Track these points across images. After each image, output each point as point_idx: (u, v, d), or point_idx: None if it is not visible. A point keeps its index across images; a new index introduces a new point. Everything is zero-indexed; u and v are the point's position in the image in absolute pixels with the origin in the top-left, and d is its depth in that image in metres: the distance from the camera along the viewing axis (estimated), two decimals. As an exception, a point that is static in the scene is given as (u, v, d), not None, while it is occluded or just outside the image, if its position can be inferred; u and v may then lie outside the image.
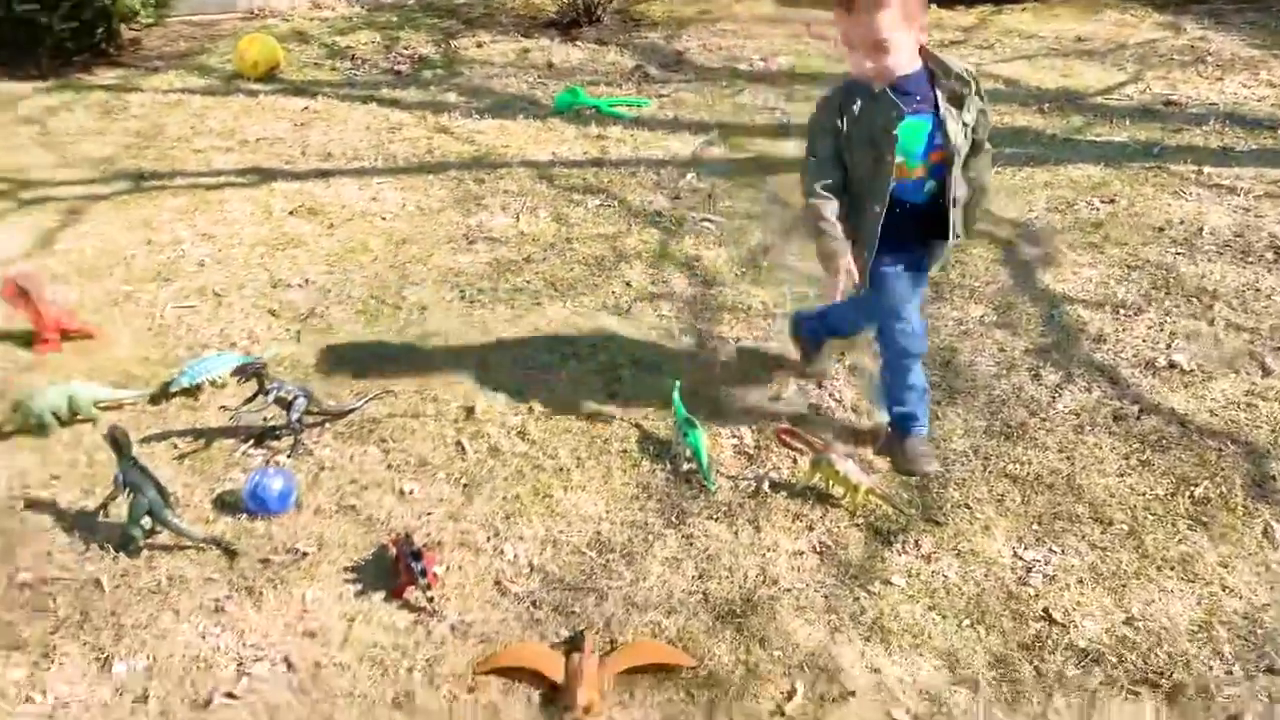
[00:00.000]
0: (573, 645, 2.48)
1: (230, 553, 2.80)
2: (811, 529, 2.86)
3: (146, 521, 2.77)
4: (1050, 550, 2.77)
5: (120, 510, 2.81)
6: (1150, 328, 3.72)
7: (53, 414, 3.26)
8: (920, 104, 2.65)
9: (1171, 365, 3.50)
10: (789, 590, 2.66)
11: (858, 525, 2.87)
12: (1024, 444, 3.16)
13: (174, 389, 3.42)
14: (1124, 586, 2.66)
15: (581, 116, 5.90)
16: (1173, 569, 2.70)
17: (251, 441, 3.23)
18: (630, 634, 2.53)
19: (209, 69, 6.96)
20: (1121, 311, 3.83)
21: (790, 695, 2.38)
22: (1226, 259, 4.19)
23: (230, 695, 2.40)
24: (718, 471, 3.04)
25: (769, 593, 2.66)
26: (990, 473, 3.05)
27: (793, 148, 5.38)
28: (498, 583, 2.70)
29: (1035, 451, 3.13)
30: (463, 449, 3.19)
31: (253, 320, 3.90)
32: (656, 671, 2.43)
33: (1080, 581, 2.68)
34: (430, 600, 2.60)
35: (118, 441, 2.78)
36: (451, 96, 6.36)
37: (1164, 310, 3.83)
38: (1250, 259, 4.17)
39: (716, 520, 2.90)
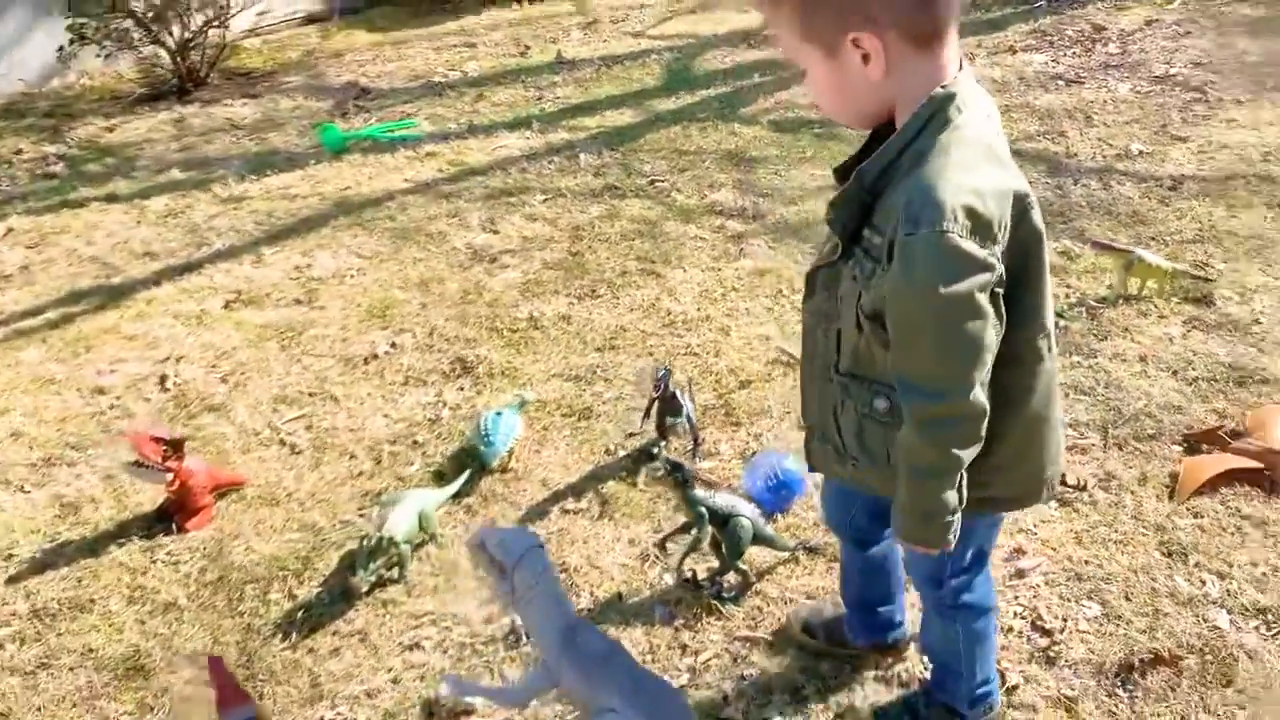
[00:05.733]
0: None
1: (812, 550, 2.45)
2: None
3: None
4: None
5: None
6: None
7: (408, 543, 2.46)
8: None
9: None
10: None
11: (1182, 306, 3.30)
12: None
13: (494, 464, 2.74)
14: None
15: (368, 149, 5.35)
16: None
17: (652, 467, 2.75)
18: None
19: None
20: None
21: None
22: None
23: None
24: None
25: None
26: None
27: (608, 117, 5.50)
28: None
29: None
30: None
31: (405, 394, 3.20)
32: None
33: None
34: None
35: (683, 470, 2.27)
36: (176, 173, 5.33)
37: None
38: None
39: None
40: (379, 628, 2.32)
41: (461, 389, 3.18)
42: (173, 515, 2.68)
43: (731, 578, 2.33)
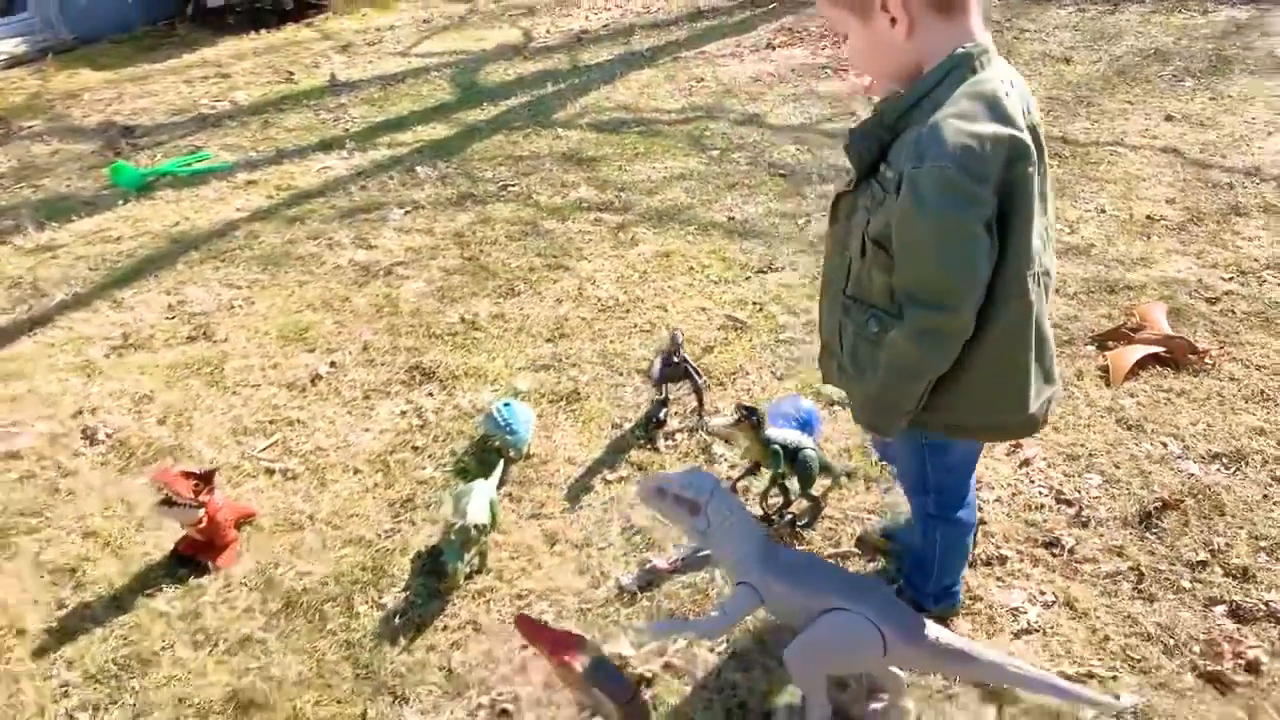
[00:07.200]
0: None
1: (850, 474, 2.76)
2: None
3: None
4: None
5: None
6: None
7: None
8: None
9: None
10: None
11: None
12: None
13: (520, 454, 2.83)
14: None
15: (173, 184, 5.09)
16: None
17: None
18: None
19: None
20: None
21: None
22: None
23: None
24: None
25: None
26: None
27: (421, 132, 5.56)
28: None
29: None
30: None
31: (375, 407, 3.16)
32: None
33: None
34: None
35: (755, 413, 2.50)
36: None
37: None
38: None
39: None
40: (488, 615, 2.33)
41: (431, 394, 3.17)
42: (194, 555, 2.52)
43: (797, 506, 2.54)
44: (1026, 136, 1.62)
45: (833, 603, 1.85)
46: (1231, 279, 3.49)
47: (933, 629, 1.87)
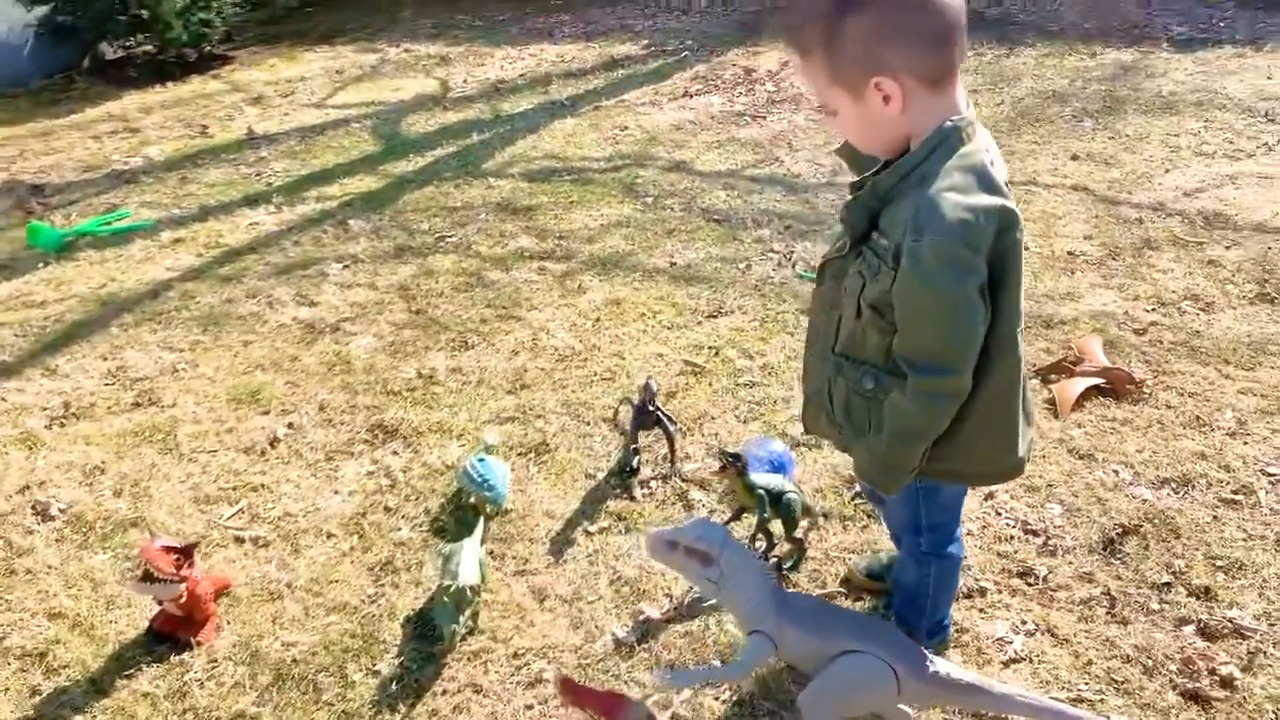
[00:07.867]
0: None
1: (826, 515, 2.84)
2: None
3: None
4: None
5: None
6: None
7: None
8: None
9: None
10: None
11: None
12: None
13: (498, 509, 2.85)
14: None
15: (94, 244, 4.96)
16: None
17: (637, 480, 2.99)
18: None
19: None
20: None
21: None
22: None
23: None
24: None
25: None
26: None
27: (349, 184, 5.53)
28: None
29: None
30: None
31: (340, 469, 3.13)
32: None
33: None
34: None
35: (740, 459, 2.57)
36: None
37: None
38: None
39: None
40: (486, 677, 2.32)
41: (396, 453, 3.14)
42: (172, 631, 2.45)
43: (781, 549, 2.60)
44: (1013, 204, 1.71)
45: (846, 645, 1.91)
46: (1154, 310, 3.68)
47: (940, 664, 1.93)
